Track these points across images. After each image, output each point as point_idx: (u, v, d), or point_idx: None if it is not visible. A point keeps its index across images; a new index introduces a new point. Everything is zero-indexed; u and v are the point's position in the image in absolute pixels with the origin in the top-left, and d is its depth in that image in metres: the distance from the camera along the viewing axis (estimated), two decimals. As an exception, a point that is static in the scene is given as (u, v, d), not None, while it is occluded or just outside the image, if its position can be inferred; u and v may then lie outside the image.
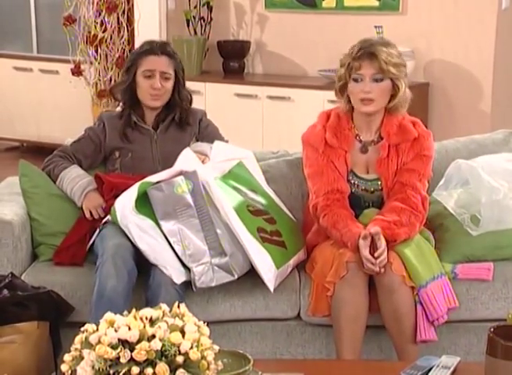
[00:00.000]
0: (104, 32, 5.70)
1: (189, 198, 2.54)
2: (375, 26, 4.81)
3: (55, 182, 2.85)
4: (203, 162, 2.69)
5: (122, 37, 5.74)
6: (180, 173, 2.59)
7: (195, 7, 5.57)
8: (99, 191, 2.78)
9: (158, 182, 2.58)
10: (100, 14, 5.68)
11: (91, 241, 2.70)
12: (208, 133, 2.92)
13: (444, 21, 5.02)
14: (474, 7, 4.92)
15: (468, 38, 4.94)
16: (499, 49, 4.96)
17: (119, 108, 2.97)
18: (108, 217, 2.65)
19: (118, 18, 5.72)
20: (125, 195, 2.57)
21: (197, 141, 2.91)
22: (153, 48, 2.85)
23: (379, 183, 2.67)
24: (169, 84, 2.84)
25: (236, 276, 2.54)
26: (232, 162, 2.75)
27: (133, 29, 5.66)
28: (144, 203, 2.56)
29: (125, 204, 2.55)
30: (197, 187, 2.54)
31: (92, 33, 5.70)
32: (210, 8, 5.57)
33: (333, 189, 2.63)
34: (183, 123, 2.89)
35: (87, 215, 2.76)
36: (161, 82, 2.81)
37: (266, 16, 5.55)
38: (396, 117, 2.67)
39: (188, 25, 5.56)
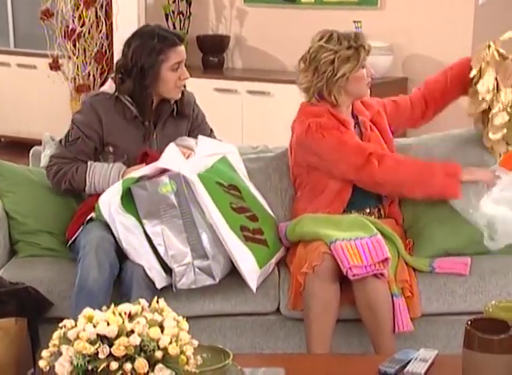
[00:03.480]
0: (82, 26, 5.67)
1: (173, 199, 2.51)
2: (354, 21, 4.83)
3: (76, 189, 2.72)
4: (188, 156, 2.65)
5: (101, 31, 5.72)
6: (164, 170, 2.56)
7: (174, 1, 5.55)
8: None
9: (141, 177, 2.56)
10: (78, 8, 5.64)
11: (74, 237, 2.67)
12: (198, 125, 2.85)
13: (422, 16, 5.04)
14: (452, 2, 4.95)
15: (446, 33, 4.97)
16: (476, 44, 4.97)
17: (104, 89, 2.75)
18: (92, 214, 2.61)
19: (96, 12, 5.69)
20: (109, 192, 2.54)
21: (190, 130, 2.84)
22: (174, 38, 2.67)
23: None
24: None
25: (217, 280, 2.54)
26: (216, 157, 2.73)
27: (111, 23, 5.63)
28: (128, 199, 2.54)
29: (110, 201, 2.52)
30: (180, 188, 2.52)
31: (70, 27, 5.66)
32: (189, 3, 5.56)
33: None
34: (179, 114, 2.79)
35: None
36: None
37: (245, 11, 5.54)
38: None
39: (167, 19, 5.54)
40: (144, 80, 2.65)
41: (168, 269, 2.53)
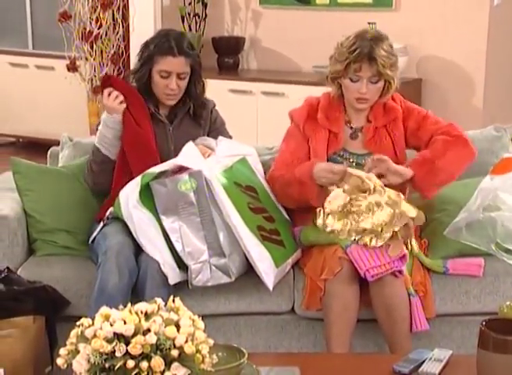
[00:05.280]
0: (99, 28, 5.71)
1: (192, 196, 2.53)
2: (369, 23, 4.83)
3: (105, 162, 2.76)
4: (209, 155, 2.67)
5: (118, 33, 5.76)
6: (181, 168, 2.58)
7: (190, 3, 5.59)
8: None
9: (160, 173, 2.57)
10: (95, 10, 5.69)
11: (93, 237, 2.69)
12: (215, 128, 2.89)
13: (437, 17, 5.04)
14: (467, 3, 4.94)
15: (461, 34, 4.97)
16: (491, 45, 4.98)
17: None
18: (111, 209, 2.64)
19: (113, 14, 5.73)
20: (128, 187, 2.57)
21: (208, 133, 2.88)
22: (171, 48, 2.74)
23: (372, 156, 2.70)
24: (185, 82, 2.77)
25: (233, 279, 2.55)
26: (236, 158, 2.75)
27: (128, 25, 5.67)
28: (146, 194, 2.56)
29: (129, 196, 2.55)
30: (201, 186, 2.53)
31: (87, 29, 5.71)
32: (204, 5, 5.59)
33: (294, 163, 2.71)
34: (196, 116, 2.84)
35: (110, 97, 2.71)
36: (176, 82, 2.73)
37: (260, 13, 5.56)
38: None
39: (183, 21, 5.57)
40: (140, 72, 2.77)
41: (183, 266, 2.54)
